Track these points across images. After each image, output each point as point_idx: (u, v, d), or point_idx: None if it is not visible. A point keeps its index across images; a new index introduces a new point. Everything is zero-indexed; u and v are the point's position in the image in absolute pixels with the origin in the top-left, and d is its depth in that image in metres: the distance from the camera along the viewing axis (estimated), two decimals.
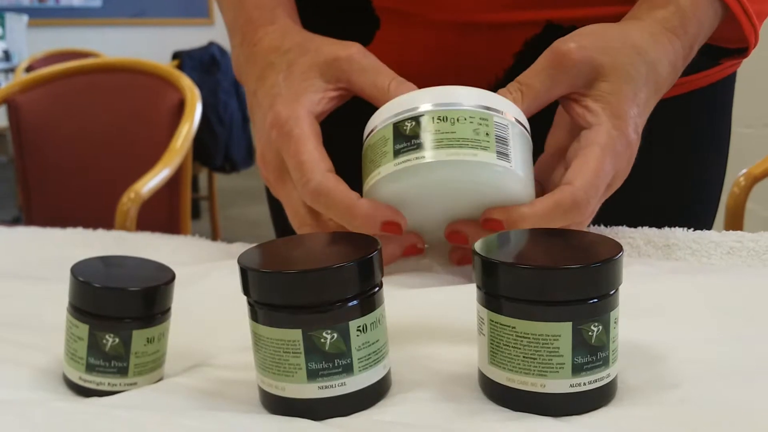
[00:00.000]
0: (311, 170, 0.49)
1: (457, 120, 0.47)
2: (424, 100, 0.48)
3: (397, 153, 0.47)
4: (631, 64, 0.51)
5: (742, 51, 0.62)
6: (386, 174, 0.48)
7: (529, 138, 0.50)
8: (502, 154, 0.47)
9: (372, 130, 0.50)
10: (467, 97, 0.48)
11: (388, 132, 0.48)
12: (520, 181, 0.48)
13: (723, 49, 0.63)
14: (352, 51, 0.53)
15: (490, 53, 0.62)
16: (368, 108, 0.52)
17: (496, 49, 0.62)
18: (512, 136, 0.48)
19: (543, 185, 0.54)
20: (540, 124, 0.54)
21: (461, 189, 0.48)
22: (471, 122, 0.47)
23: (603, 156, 0.49)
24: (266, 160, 0.54)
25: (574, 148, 0.51)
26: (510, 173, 0.47)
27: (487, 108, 0.48)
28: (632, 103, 0.51)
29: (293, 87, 0.53)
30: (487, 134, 0.47)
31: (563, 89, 0.52)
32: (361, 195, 0.50)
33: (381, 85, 0.51)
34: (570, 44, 0.51)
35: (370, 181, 0.49)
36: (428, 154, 0.47)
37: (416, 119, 0.47)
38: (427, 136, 0.47)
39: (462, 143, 0.46)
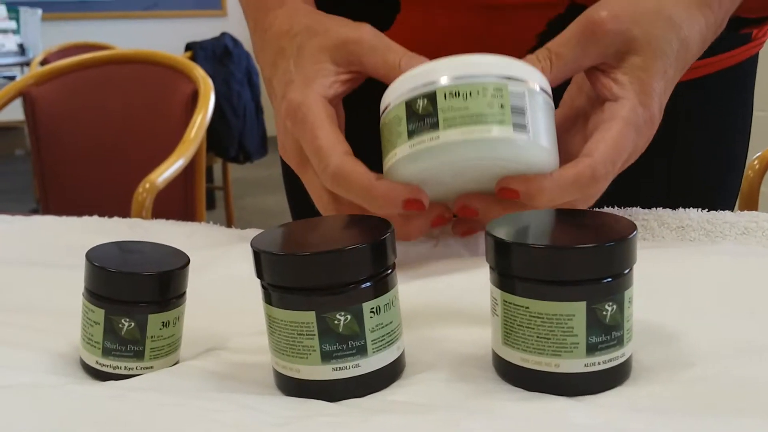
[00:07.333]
0: (328, 155, 0.48)
1: (470, 94, 0.45)
2: (437, 74, 0.46)
3: (411, 133, 0.46)
4: (664, 38, 0.50)
5: (763, 20, 0.61)
6: (402, 156, 0.47)
7: (552, 105, 0.49)
8: (520, 126, 0.45)
9: (386, 108, 0.49)
10: (482, 67, 0.46)
11: (401, 111, 0.47)
12: (541, 150, 0.46)
13: (743, 19, 0.61)
14: (362, 32, 0.52)
15: (513, 35, 0.61)
16: (382, 88, 0.51)
17: (519, 31, 0.61)
18: (530, 104, 0.46)
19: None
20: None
21: (481, 165, 0.46)
22: (484, 95, 0.45)
23: (626, 130, 0.48)
24: (286, 149, 0.54)
25: (596, 120, 0.50)
26: (529, 144, 0.46)
27: (503, 77, 0.46)
28: (660, 79, 0.50)
29: (304, 71, 0.52)
30: (501, 106, 0.45)
31: (593, 59, 0.50)
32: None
33: (392, 62, 0.50)
34: (603, 13, 0.49)
35: (388, 163, 0.48)
36: (442, 133, 0.45)
37: (428, 96, 0.46)
38: (440, 114, 0.45)
39: (476, 119, 0.45)
